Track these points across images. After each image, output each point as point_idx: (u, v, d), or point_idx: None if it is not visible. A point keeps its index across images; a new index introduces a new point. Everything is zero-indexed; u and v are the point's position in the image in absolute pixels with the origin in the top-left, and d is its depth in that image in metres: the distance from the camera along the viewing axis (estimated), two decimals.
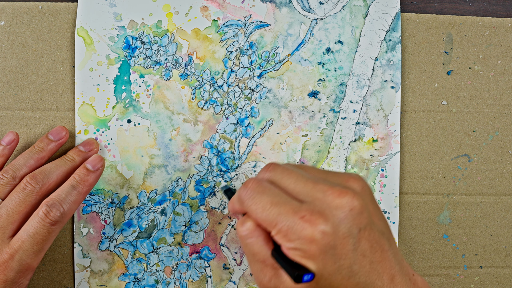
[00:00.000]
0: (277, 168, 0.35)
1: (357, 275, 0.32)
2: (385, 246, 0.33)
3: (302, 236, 0.31)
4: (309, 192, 0.33)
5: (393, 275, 0.33)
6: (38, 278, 0.45)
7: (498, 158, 0.48)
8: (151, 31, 0.44)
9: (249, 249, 0.34)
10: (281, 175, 0.34)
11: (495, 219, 0.48)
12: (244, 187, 0.34)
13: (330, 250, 0.31)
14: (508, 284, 0.48)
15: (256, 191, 0.33)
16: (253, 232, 0.33)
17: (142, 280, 0.45)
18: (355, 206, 0.32)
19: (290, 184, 0.34)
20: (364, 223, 0.32)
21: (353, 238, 0.31)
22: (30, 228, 0.38)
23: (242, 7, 0.45)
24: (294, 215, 0.31)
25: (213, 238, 0.46)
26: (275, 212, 0.32)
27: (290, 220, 0.31)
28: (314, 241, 0.31)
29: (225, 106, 0.45)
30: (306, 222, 0.31)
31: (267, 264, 0.33)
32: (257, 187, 0.34)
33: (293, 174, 0.34)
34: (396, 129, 0.46)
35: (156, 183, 0.45)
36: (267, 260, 0.33)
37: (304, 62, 0.45)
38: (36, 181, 0.39)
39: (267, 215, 0.32)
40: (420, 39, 0.47)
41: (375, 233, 0.33)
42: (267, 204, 0.32)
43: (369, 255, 0.32)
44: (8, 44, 0.44)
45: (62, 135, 0.43)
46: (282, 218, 0.31)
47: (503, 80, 0.47)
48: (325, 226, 0.31)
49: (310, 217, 0.31)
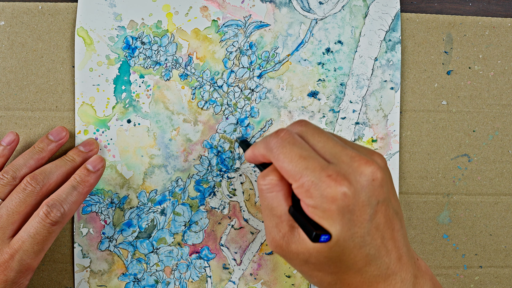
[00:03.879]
0: (309, 125, 0.35)
1: (368, 246, 0.32)
2: (397, 226, 0.33)
3: (324, 193, 0.31)
4: (336, 154, 0.33)
5: (401, 255, 0.33)
6: (38, 278, 0.45)
7: (498, 158, 0.48)
8: (151, 31, 0.44)
9: (267, 203, 0.34)
10: (312, 132, 0.34)
11: (495, 219, 0.48)
12: (275, 135, 0.34)
13: (348, 214, 0.31)
14: (508, 284, 0.48)
15: (287, 141, 0.33)
16: (274, 186, 0.33)
17: (142, 280, 0.45)
18: (377, 178, 0.32)
19: (319, 142, 0.34)
20: (382, 197, 0.32)
21: (371, 208, 0.32)
22: (31, 228, 0.38)
23: (242, 7, 0.45)
24: (320, 172, 0.31)
25: (213, 238, 0.46)
26: (303, 165, 0.32)
27: (316, 176, 0.31)
28: (335, 200, 0.31)
29: (225, 106, 0.45)
30: (332, 180, 0.31)
31: (283, 220, 0.33)
32: (288, 137, 0.33)
33: (323, 134, 0.34)
34: (396, 129, 0.46)
35: (156, 183, 0.45)
36: (283, 216, 0.33)
37: (303, 62, 0.45)
38: (36, 182, 0.39)
39: (293, 166, 0.32)
40: (420, 39, 0.47)
41: (390, 210, 0.33)
42: (295, 156, 0.32)
43: (382, 229, 0.32)
44: (8, 44, 0.44)
45: (62, 136, 0.43)
46: (308, 172, 0.31)
47: (503, 80, 0.47)
48: (348, 188, 0.31)
49: (336, 177, 0.31)
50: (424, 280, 0.35)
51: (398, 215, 0.34)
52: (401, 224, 0.34)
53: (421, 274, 0.35)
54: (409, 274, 0.34)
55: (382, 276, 0.33)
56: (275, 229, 0.34)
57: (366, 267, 0.33)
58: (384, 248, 0.33)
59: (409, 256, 0.34)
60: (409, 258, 0.34)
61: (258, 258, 0.46)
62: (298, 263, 0.34)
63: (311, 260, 0.33)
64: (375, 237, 0.32)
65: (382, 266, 0.33)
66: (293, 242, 0.33)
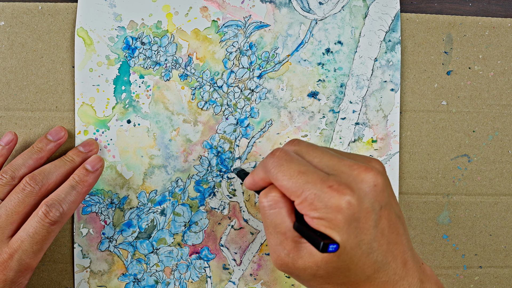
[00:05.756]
0: (301, 143, 0.35)
1: (375, 252, 0.32)
2: (400, 230, 0.34)
3: (329, 204, 0.31)
4: (334, 166, 0.33)
5: (406, 259, 0.34)
6: (38, 278, 0.45)
7: (498, 158, 0.48)
8: (151, 31, 0.44)
9: (270, 220, 0.34)
10: (306, 148, 0.35)
11: (495, 219, 0.48)
12: (271, 156, 0.34)
13: (354, 222, 0.31)
14: (508, 284, 0.48)
15: (284, 159, 0.33)
16: (277, 203, 0.33)
17: (142, 281, 0.45)
18: (378, 183, 0.32)
19: (315, 158, 0.34)
20: (385, 201, 0.32)
21: (375, 214, 0.32)
22: (30, 228, 0.38)
23: (242, 7, 0.45)
24: (322, 184, 0.31)
25: (212, 238, 0.46)
26: (303, 180, 0.32)
27: (317, 188, 0.31)
28: (340, 210, 0.31)
29: (224, 106, 0.45)
30: (334, 191, 0.31)
31: (288, 237, 0.33)
32: (285, 156, 0.34)
33: (318, 149, 0.34)
34: (396, 129, 0.46)
35: (156, 184, 0.45)
36: (288, 232, 0.33)
37: (303, 62, 0.45)
38: (35, 182, 0.39)
39: (293, 182, 0.32)
40: (419, 39, 0.47)
41: (392, 214, 0.33)
42: (294, 172, 0.32)
43: (387, 234, 0.33)
44: (8, 44, 0.44)
45: (61, 135, 0.43)
46: (309, 186, 0.32)
47: (503, 80, 0.47)
48: (351, 197, 0.31)
49: (338, 187, 0.31)
50: (430, 284, 0.35)
51: (401, 219, 0.34)
52: (404, 228, 0.34)
53: (427, 278, 0.35)
54: (415, 279, 0.34)
55: (391, 282, 0.33)
56: (280, 247, 0.34)
57: (374, 274, 0.33)
58: (391, 253, 0.33)
59: (414, 260, 0.34)
60: (415, 262, 0.34)
61: (258, 258, 0.46)
62: (306, 278, 0.34)
63: (319, 273, 0.33)
64: (381, 243, 0.32)
65: (389, 272, 0.33)
66: (300, 258, 0.33)
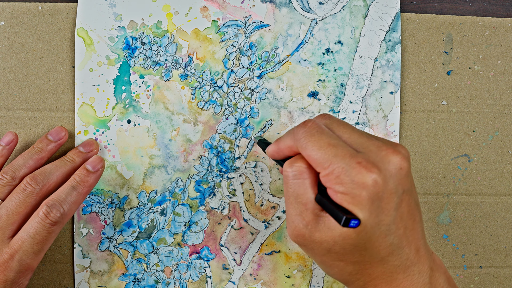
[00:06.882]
0: (332, 117, 0.35)
1: (392, 235, 0.32)
2: (417, 217, 0.34)
3: (355, 180, 0.31)
4: (363, 144, 0.33)
5: (419, 247, 0.34)
6: (38, 278, 0.45)
7: (498, 158, 0.48)
8: (151, 31, 0.44)
9: (293, 190, 0.34)
10: (337, 123, 0.35)
11: (495, 219, 0.48)
12: (302, 126, 0.34)
13: (376, 201, 0.31)
14: (508, 284, 0.48)
15: (315, 130, 0.34)
16: (301, 173, 0.34)
17: (142, 281, 0.45)
18: (404, 167, 0.32)
19: (345, 133, 0.34)
20: (407, 186, 0.33)
21: (397, 197, 0.32)
22: (30, 229, 0.38)
23: (242, 7, 0.45)
24: (350, 159, 0.32)
25: (212, 238, 0.46)
26: (332, 153, 0.32)
27: (346, 162, 0.31)
28: (366, 187, 0.31)
29: (225, 106, 0.45)
30: (362, 167, 0.31)
31: (308, 208, 0.33)
32: (316, 127, 0.34)
33: (348, 126, 0.35)
34: (396, 129, 0.46)
35: (156, 184, 0.45)
36: (309, 203, 0.33)
37: (303, 62, 0.45)
38: (36, 182, 0.39)
39: (322, 154, 0.32)
40: (420, 39, 0.47)
41: (412, 201, 0.33)
42: (324, 144, 0.33)
43: (405, 219, 0.33)
44: (8, 44, 0.44)
45: (62, 136, 0.43)
46: (337, 159, 0.32)
47: (503, 80, 0.47)
48: (378, 175, 0.31)
49: (367, 164, 0.31)
50: (439, 273, 0.35)
51: (418, 207, 0.34)
52: (420, 216, 0.35)
53: (436, 267, 0.35)
54: (426, 266, 0.34)
55: (402, 266, 0.33)
56: (299, 217, 0.34)
57: (388, 257, 0.33)
58: (406, 239, 0.33)
59: (426, 248, 0.35)
60: (426, 250, 0.35)
61: (258, 258, 0.46)
62: (320, 252, 0.34)
63: (335, 248, 0.33)
64: (399, 226, 0.33)
65: (402, 256, 0.33)
66: (317, 231, 0.33)
